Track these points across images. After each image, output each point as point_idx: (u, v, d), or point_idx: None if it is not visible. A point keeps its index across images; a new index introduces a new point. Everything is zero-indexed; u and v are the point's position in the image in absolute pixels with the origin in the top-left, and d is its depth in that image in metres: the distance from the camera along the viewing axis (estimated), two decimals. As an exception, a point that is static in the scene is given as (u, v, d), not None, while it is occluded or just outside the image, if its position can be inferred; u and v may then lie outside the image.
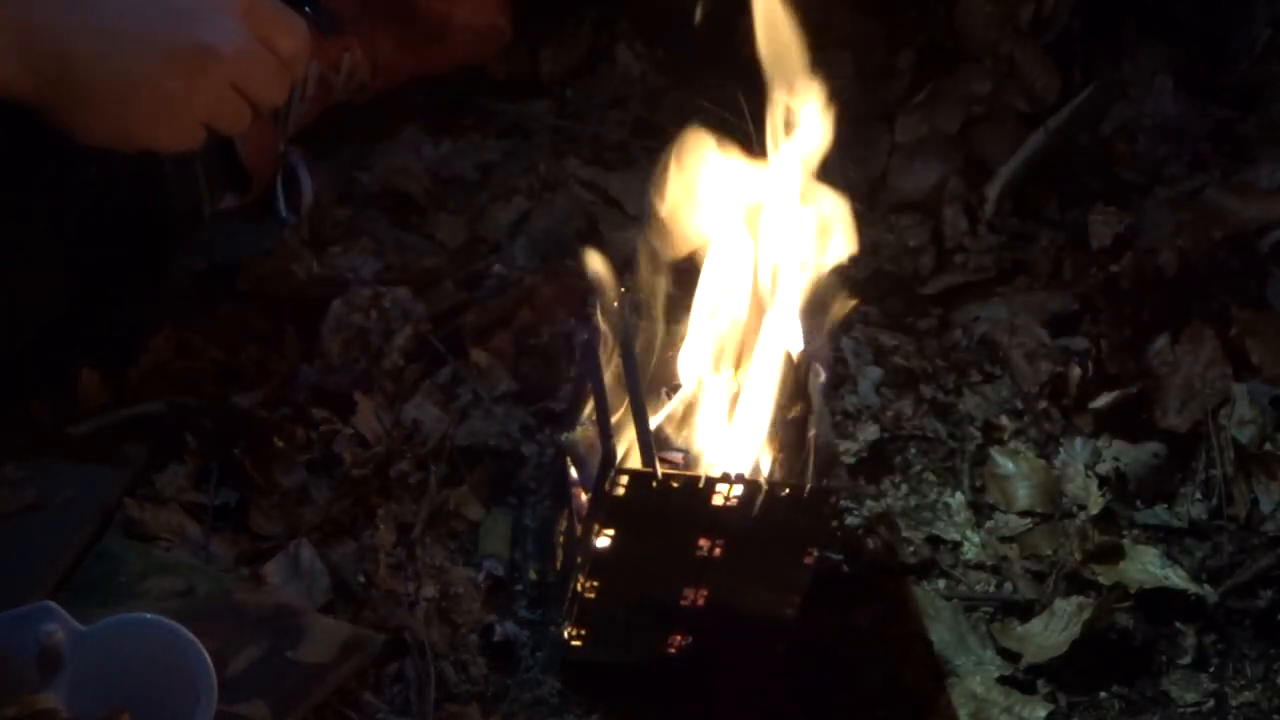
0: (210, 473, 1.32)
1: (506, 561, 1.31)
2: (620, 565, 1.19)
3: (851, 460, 1.45)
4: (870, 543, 1.38)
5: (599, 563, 1.19)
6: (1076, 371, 1.53)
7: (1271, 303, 1.63)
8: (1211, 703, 1.31)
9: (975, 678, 1.29)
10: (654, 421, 1.23)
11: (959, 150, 1.75)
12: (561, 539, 1.29)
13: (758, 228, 1.25)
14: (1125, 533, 1.42)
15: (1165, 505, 1.45)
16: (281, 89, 1.18)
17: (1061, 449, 1.48)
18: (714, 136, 1.24)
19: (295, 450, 1.35)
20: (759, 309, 1.26)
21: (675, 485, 1.15)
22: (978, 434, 1.50)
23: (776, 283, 1.25)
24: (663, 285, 1.27)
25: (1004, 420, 1.51)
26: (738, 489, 1.15)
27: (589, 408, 1.27)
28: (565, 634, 1.23)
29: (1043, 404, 1.52)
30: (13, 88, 1.07)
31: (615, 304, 1.26)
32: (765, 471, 1.23)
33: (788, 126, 1.22)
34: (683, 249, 1.26)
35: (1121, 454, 1.47)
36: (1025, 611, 1.35)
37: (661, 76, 1.80)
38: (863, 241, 1.26)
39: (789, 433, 1.23)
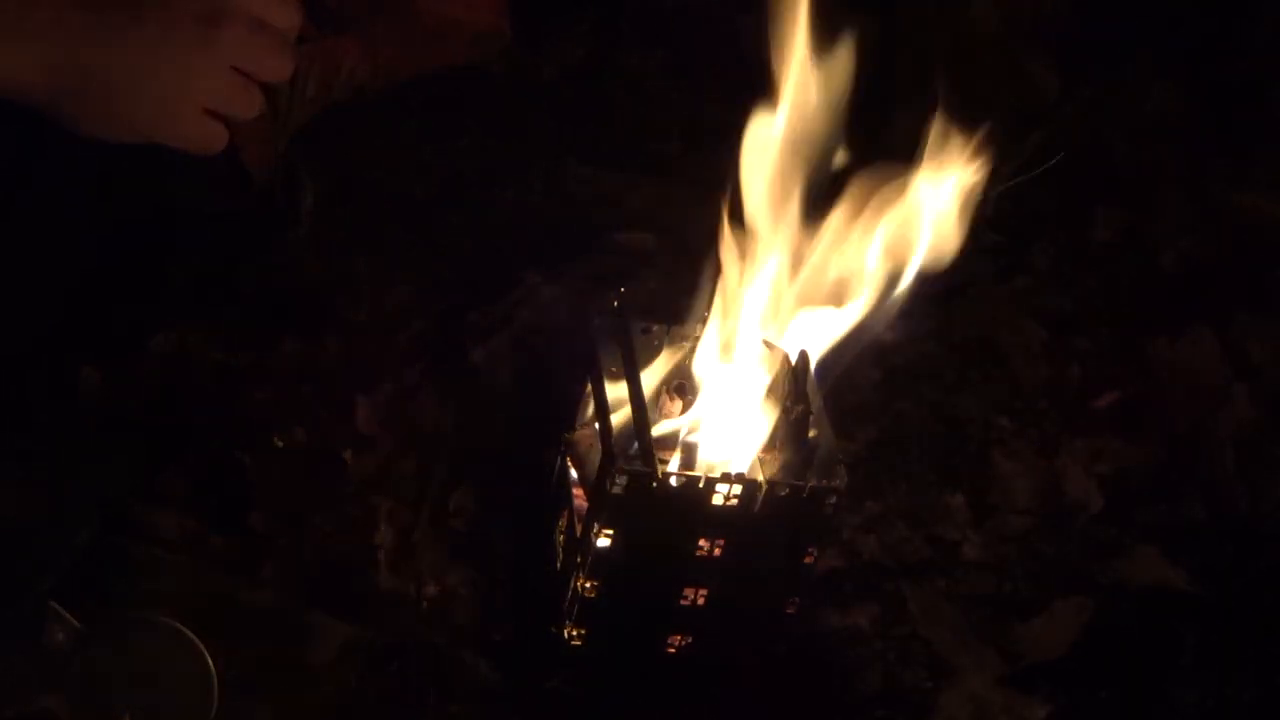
0: (210, 473, 1.32)
1: (507, 561, 1.31)
2: (620, 565, 1.19)
3: (851, 460, 1.45)
4: (870, 543, 1.38)
5: (599, 563, 1.19)
6: (1076, 371, 1.53)
7: (1271, 303, 1.63)
8: (1211, 703, 1.31)
9: (975, 678, 1.29)
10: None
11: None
12: (561, 539, 1.29)
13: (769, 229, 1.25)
14: (1125, 533, 1.42)
15: (1165, 505, 1.45)
16: (285, 63, 1.17)
17: (1061, 449, 1.48)
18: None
19: (295, 450, 1.35)
20: (763, 310, 1.26)
21: (675, 485, 1.15)
22: (978, 434, 1.50)
23: (782, 283, 1.25)
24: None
25: (1004, 420, 1.51)
26: (738, 489, 1.15)
27: (589, 408, 1.27)
28: (565, 634, 1.23)
29: (1043, 404, 1.52)
30: (17, 86, 1.07)
31: (616, 304, 1.26)
32: (765, 471, 1.23)
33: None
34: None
35: (1121, 454, 1.47)
36: (1025, 611, 1.35)
37: (662, 76, 1.80)
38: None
39: (789, 433, 1.23)
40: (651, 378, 1.28)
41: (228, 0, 1.12)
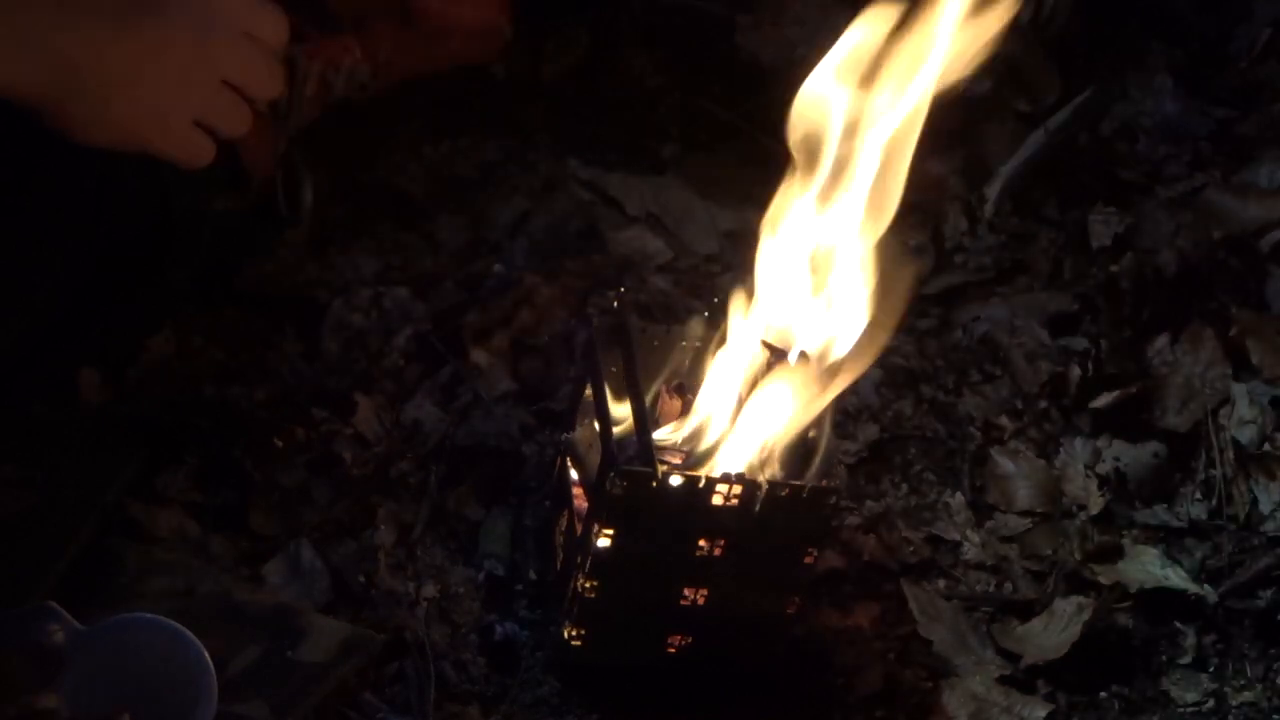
0: (210, 473, 1.32)
1: (506, 561, 1.31)
2: (620, 565, 1.19)
3: (851, 460, 1.45)
4: (870, 543, 1.38)
5: (599, 563, 1.19)
6: (1076, 371, 1.53)
7: (1271, 303, 1.63)
8: (1211, 703, 1.31)
9: (975, 678, 1.29)
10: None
11: (959, 150, 1.75)
12: (561, 539, 1.29)
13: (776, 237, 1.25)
14: (1125, 533, 1.42)
15: (1165, 505, 1.45)
16: (275, 79, 1.17)
17: (1061, 449, 1.48)
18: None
19: (295, 450, 1.35)
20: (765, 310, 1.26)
21: (675, 485, 1.15)
22: (978, 434, 1.50)
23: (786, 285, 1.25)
24: None
25: (1004, 420, 1.51)
26: (738, 489, 1.15)
27: (589, 408, 1.27)
28: (565, 634, 1.23)
29: (1043, 404, 1.52)
30: (13, 89, 1.07)
31: (616, 304, 1.26)
32: (765, 471, 1.23)
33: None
34: None
35: (1121, 454, 1.47)
36: (1025, 611, 1.35)
37: (661, 76, 1.80)
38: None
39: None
40: (652, 378, 1.28)
41: (222, 14, 1.12)
